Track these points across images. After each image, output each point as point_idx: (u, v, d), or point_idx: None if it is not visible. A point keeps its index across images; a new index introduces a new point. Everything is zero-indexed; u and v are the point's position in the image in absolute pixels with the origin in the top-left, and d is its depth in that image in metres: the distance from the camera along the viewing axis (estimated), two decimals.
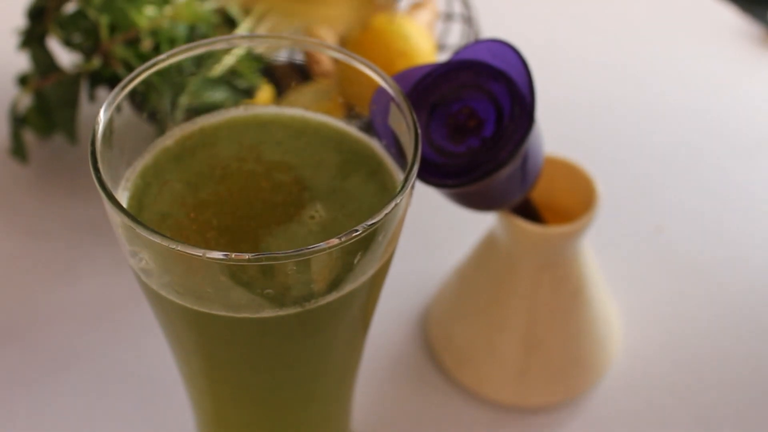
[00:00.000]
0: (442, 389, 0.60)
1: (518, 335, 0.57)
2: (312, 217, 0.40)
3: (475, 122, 0.46)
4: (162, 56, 0.42)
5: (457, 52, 0.46)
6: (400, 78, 0.46)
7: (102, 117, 0.39)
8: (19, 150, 0.71)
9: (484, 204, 0.51)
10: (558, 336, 0.58)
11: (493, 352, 0.58)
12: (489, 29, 0.80)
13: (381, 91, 0.41)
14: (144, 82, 0.41)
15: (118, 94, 0.40)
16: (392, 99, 0.41)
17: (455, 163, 0.46)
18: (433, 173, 0.46)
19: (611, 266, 0.66)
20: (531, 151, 0.47)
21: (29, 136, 0.74)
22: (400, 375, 0.61)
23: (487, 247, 0.58)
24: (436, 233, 0.69)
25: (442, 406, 0.60)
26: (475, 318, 0.59)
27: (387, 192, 0.42)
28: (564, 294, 0.57)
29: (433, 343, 0.62)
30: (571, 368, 0.59)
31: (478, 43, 0.46)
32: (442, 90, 0.46)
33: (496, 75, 0.45)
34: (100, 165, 0.38)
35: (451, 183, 0.45)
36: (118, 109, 0.40)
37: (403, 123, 0.40)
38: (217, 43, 0.43)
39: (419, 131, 0.39)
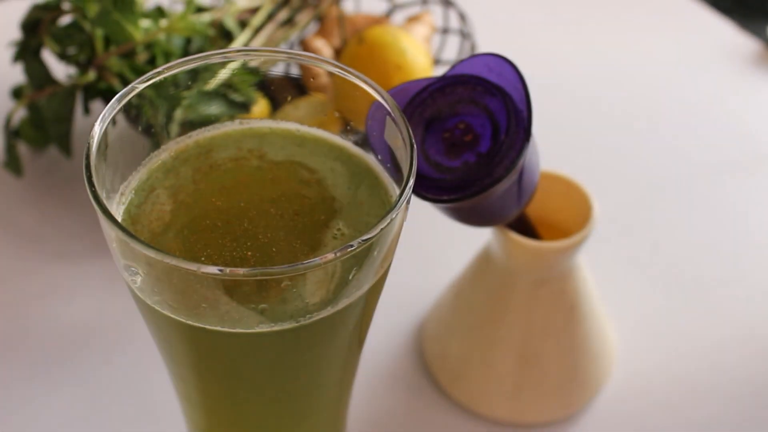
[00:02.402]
0: (436, 405, 0.60)
1: (513, 351, 0.57)
2: (336, 233, 0.40)
3: (472, 137, 0.46)
4: (157, 69, 0.41)
5: (453, 67, 0.46)
6: (396, 92, 0.46)
7: (97, 130, 0.39)
8: (13, 163, 0.70)
9: (480, 219, 0.51)
10: (553, 352, 0.57)
11: (488, 367, 0.58)
12: (485, 44, 0.80)
13: (377, 105, 0.41)
14: (139, 95, 0.41)
15: (113, 107, 0.40)
16: (388, 113, 0.41)
17: (451, 178, 0.45)
18: (429, 188, 0.46)
19: (607, 282, 0.66)
20: (527, 167, 0.47)
21: (23, 149, 0.74)
22: (394, 390, 0.61)
23: (483, 263, 0.58)
24: (431, 248, 0.69)
25: (436, 423, 0.59)
26: (470, 333, 0.59)
27: (383, 207, 0.41)
28: (559, 310, 0.56)
29: (428, 359, 0.61)
30: (566, 384, 0.58)
31: (475, 57, 0.46)
32: (438, 105, 0.46)
33: (493, 90, 0.45)
34: (94, 179, 0.37)
35: (447, 198, 0.45)
36: (113, 122, 0.40)
37: (398, 138, 0.40)
38: (212, 57, 0.43)
39: (415, 146, 0.39)
